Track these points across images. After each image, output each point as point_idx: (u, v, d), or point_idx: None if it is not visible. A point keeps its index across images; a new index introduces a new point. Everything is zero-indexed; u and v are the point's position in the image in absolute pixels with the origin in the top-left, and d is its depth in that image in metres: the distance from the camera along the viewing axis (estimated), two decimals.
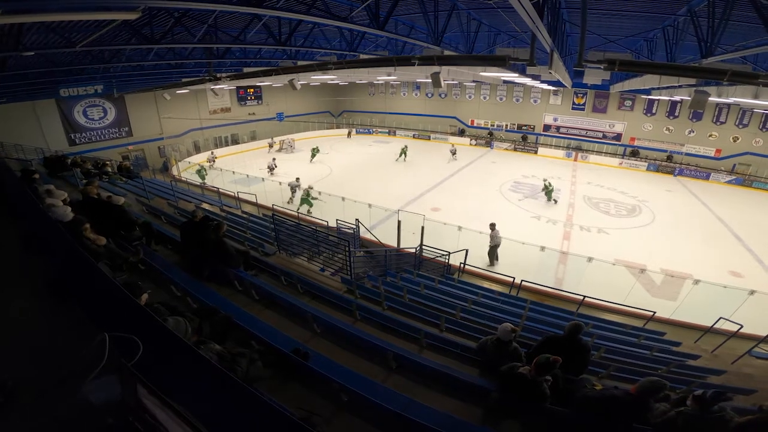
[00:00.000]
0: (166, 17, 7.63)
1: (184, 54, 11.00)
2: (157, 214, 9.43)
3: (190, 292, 4.76)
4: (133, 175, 13.44)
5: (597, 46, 10.63)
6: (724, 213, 19.20)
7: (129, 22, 6.99)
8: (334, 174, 23.17)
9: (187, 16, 7.62)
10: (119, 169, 13.99)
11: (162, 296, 4.51)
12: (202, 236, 5.91)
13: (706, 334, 7.86)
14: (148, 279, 5.01)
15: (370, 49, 11.91)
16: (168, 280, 5.04)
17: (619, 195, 21.19)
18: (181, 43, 8.57)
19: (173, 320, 2.88)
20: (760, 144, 25.66)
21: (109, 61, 10.76)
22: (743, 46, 6.48)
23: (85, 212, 5.56)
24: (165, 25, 7.75)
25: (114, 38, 8.32)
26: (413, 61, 7.39)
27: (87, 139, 22.27)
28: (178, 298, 4.79)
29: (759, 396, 4.25)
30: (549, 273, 11.38)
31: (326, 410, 3.11)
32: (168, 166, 23.88)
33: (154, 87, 20.25)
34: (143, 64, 11.18)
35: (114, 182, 11.92)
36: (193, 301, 4.62)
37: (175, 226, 8.17)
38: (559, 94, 31.27)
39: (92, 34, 6.91)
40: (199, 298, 4.61)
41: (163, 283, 5.04)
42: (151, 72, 13.90)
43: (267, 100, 33.79)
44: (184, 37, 8.63)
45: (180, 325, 2.84)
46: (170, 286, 4.96)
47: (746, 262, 13.81)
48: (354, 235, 11.18)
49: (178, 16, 7.39)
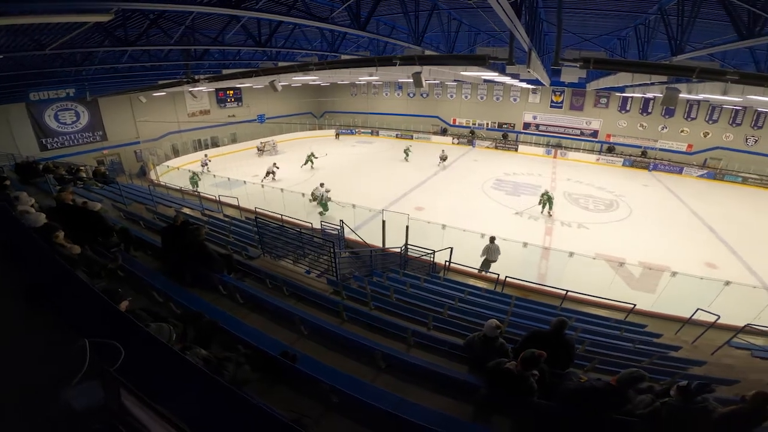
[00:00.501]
0: (140, 19, 7.44)
1: (160, 56, 10.74)
2: (135, 219, 9.19)
3: (172, 298, 4.65)
4: (109, 181, 13.06)
5: (573, 45, 10.89)
6: (697, 206, 19.90)
7: (102, 24, 6.79)
8: (318, 175, 23.02)
9: (163, 17, 7.45)
10: (94, 174, 13.56)
11: (143, 302, 4.40)
12: (183, 241, 5.80)
13: (686, 325, 8.04)
14: (128, 286, 4.88)
15: (351, 49, 11.89)
16: (149, 286, 4.92)
17: (597, 190, 21.74)
18: (157, 45, 8.37)
19: (156, 326, 2.82)
20: (730, 139, 26.71)
21: (81, 63, 10.44)
22: (711, 43, 6.75)
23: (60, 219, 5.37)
24: (140, 26, 7.56)
25: (86, 40, 8.07)
26: (395, 61, 7.41)
27: (59, 144, 21.52)
28: (160, 304, 4.69)
29: (741, 386, 4.34)
30: (532, 269, 11.57)
31: (316, 412, 3.08)
32: (145, 170, 23.26)
33: (128, 89, 19.71)
34: (117, 66, 10.87)
35: (89, 188, 11.56)
36: (176, 307, 4.53)
37: (155, 231, 7.99)
38: (538, 93, 31.87)
39: (63, 36, 6.71)
40: (182, 304, 4.51)
41: (144, 290, 4.92)
42: (126, 74, 13.54)
43: (247, 101, 33.32)
44: (160, 38, 8.44)
45: (163, 331, 2.78)
46: (152, 292, 4.84)
47: (720, 253, 14.35)
48: (339, 236, 11.14)
49: (153, 17, 7.22)
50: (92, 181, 12.42)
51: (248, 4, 5.92)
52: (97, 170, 14.09)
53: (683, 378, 4.81)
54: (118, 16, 6.60)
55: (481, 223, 14.19)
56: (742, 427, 3.14)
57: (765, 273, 12.69)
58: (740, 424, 3.11)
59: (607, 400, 3.35)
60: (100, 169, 14.33)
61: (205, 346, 3.12)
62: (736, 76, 5.98)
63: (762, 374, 5.93)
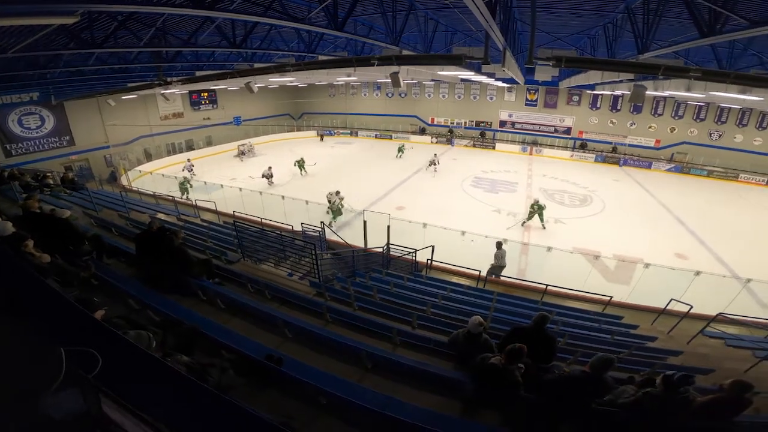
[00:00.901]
0: (108, 20, 7.18)
1: (130, 58, 10.39)
2: (107, 226, 8.89)
3: (150, 305, 4.53)
4: (78, 187, 12.59)
5: (546, 44, 11.16)
6: (666, 199, 20.71)
7: (67, 26, 6.53)
8: (297, 177, 22.82)
9: (131, 19, 7.21)
10: (62, 180, 13.05)
11: (120, 311, 4.26)
12: (159, 246, 5.65)
13: (661, 316, 8.25)
14: (103, 294, 4.71)
15: (329, 50, 11.82)
16: (125, 294, 4.77)
17: (571, 186, 22.33)
18: (126, 47, 8.10)
19: (134, 333, 2.74)
20: (695, 134, 27.93)
21: (46, 66, 10.03)
22: (675, 41, 7.02)
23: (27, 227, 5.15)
24: (107, 28, 7.30)
25: (50, 43, 7.74)
26: (373, 61, 7.43)
27: (24, 150, 20.56)
28: (137, 311, 4.55)
29: (717, 375, 4.46)
30: (512, 264, 11.76)
31: (305, 414, 3.06)
32: (116, 175, 22.47)
33: (96, 93, 19.01)
34: (83, 69, 10.48)
35: (57, 195, 11.11)
36: (155, 314, 4.40)
37: (128, 238, 7.76)
38: (513, 91, 32.49)
39: (26, 38, 6.43)
40: (161, 311, 4.39)
41: (119, 298, 4.76)
42: (93, 77, 13.06)
43: (222, 104, 32.67)
44: (128, 40, 8.15)
45: (142, 338, 2.70)
46: (128, 299, 4.69)
47: (690, 244, 14.96)
48: (320, 238, 11.07)
49: (121, 19, 6.99)
50: (60, 188, 11.95)
51: (222, 5, 5.81)
52: (65, 176, 13.58)
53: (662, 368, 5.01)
54: (84, 18, 6.36)
55: (461, 221, 14.35)
56: (721, 415, 3.26)
57: (733, 262, 13.28)
58: (719, 413, 3.23)
59: (585, 387, 3.45)
60: (68, 176, 13.83)
61: (186, 353, 3.05)
62: (699, 73, 6.26)
63: (736, 363, 6.11)
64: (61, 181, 12.92)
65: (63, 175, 14.05)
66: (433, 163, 24.25)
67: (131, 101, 24.67)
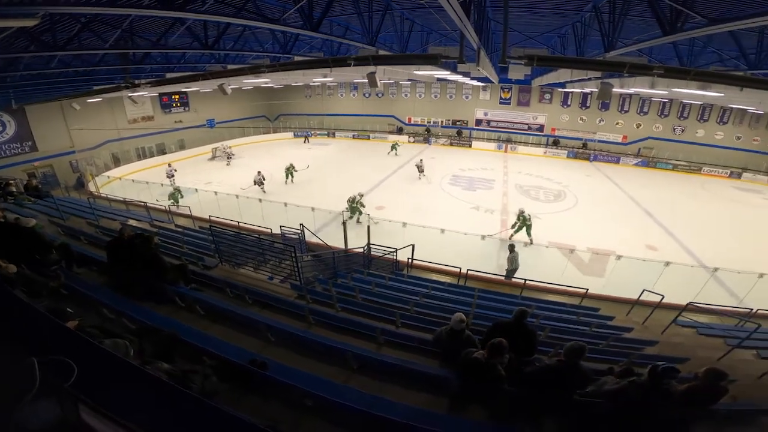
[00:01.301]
0: (71, 22, 6.88)
1: (95, 60, 9.98)
2: (75, 235, 8.56)
3: (125, 313, 4.38)
4: (43, 194, 12.03)
5: (518, 43, 11.41)
6: (635, 193, 21.52)
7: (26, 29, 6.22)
8: (274, 179, 22.49)
9: (96, 21, 6.94)
10: (26, 188, 12.45)
11: (94, 320, 4.10)
12: (132, 253, 5.47)
13: (635, 307, 8.52)
14: (75, 304, 4.52)
15: (304, 50, 11.71)
16: (98, 303, 4.59)
17: (545, 182, 22.91)
18: (90, 50, 7.78)
19: (110, 342, 2.64)
20: (659, 129, 29.18)
21: (5, 70, 9.51)
22: (639, 39, 7.29)
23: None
24: (70, 30, 7.00)
25: (9, 46, 7.35)
26: (349, 61, 7.43)
27: None
28: (112, 320, 4.39)
29: (692, 364, 4.57)
30: (492, 260, 11.98)
31: (292, 417, 3.02)
32: (83, 181, 21.55)
33: (59, 96, 18.20)
34: (45, 72, 9.98)
35: (21, 203, 10.59)
36: (130, 322, 4.26)
37: (99, 246, 7.48)
38: (488, 90, 33.06)
39: None
40: (137, 318, 4.26)
41: (92, 307, 4.58)
42: (56, 81, 12.46)
43: (195, 106, 31.86)
44: (93, 42, 7.84)
45: (119, 346, 2.61)
46: (101, 309, 4.52)
47: (659, 235, 15.57)
48: (300, 240, 10.96)
49: (85, 21, 6.72)
50: (24, 196, 11.41)
51: (194, 6, 5.67)
52: (28, 184, 12.94)
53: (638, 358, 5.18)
54: (45, 21, 6.08)
55: (440, 219, 14.49)
56: (699, 403, 3.40)
57: (700, 252, 13.87)
58: (696, 401, 3.37)
59: (563, 376, 3.54)
60: (32, 183, 13.17)
61: (167, 360, 2.97)
62: (662, 70, 6.56)
63: (709, 351, 6.33)
64: (24, 189, 12.32)
65: (26, 182, 13.38)
66: (420, 169, 22.63)
67: (97, 104, 23.74)
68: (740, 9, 5.36)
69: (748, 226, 17.14)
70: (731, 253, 13.53)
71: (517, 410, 3.72)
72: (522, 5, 8.23)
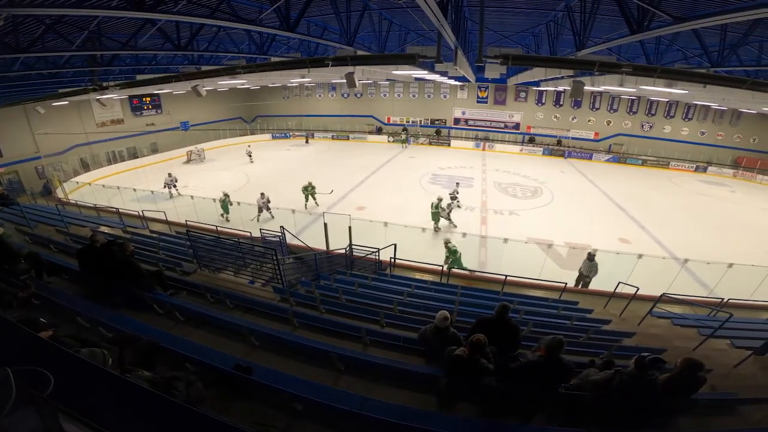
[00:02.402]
0: (35, 24, 6.61)
1: (60, 62, 9.60)
2: (44, 243, 8.21)
3: (101, 322, 4.23)
4: (9, 202, 11.51)
5: (494, 43, 11.59)
6: (607, 188, 22.24)
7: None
8: (252, 182, 22.14)
9: (61, 22, 6.68)
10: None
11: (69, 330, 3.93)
12: (104, 261, 5.28)
13: (612, 299, 8.67)
14: (48, 313, 4.32)
15: (281, 51, 11.57)
16: (71, 312, 4.41)
17: (522, 179, 23.39)
18: (56, 51, 7.48)
19: (87, 351, 2.54)
20: (628, 126, 30.22)
21: None
22: (608, 38, 7.53)
23: None
24: (34, 32, 6.72)
25: None
26: (327, 62, 7.38)
27: None
28: (87, 329, 4.23)
29: (669, 354, 4.66)
30: (473, 257, 12.13)
31: (282, 422, 2.98)
32: (50, 188, 20.65)
33: (23, 100, 17.40)
34: (8, 75, 9.53)
35: None
36: (107, 331, 4.11)
37: (69, 254, 7.22)
38: (465, 89, 33.49)
39: None
40: (114, 327, 4.11)
41: (66, 316, 4.40)
42: (19, 83, 11.92)
43: (168, 108, 30.97)
44: (58, 44, 7.53)
45: (96, 355, 2.51)
46: (75, 317, 4.35)
47: (631, 229, 16.10)
48: (281, 243, 10.82)
49: (50, 22, 6.45)
50: None
51: (165, 7, 5.52)
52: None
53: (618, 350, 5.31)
54: (8, 23, 5.81)
55: (421, 218, 14.59)
56: (678, 392, 3.52)
57: (670, 244, 14.42)
58: (676, 391, 3.50)
59: (546, 370, 3.62)
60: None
61: (147, 368, 2.87)
62: (630, 68, 6.78)
63: (685, 341, 6.51)
64: None
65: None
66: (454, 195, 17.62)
67: (63, 108, 22.75)
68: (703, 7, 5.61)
69: (716, 218, 17.93)
70: (700, 245, 14.11)
71: (505, 405, 3.77)
72: (498, 5, 8.37)
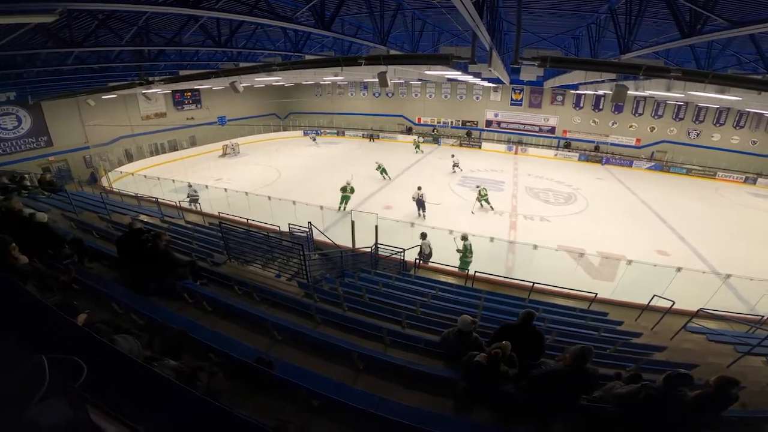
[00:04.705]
0: (88, 19, 6.98)
1: (111, 57, 10.13)
2: (88, 229, 8.68)
3: (134, 309, 4.43)
4: (57, 189, 12.26)
5: (531, 44, 11.29)
6: (647, 197, 21.17)
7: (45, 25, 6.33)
8: (283, 178, 22.62)
9: (113, 17, 7.04)
10: (40, 182, 12.69)
11: (103, 315, 4.15)
12: (141, 249, 5.52)
13: (644, 312, 8.36)
14: (85, 298, 4.58)
15: (315, 49, 11.74)
16: (108, 298, 4.65)
17: (556, 185, 22.66)
18: (107, 46, 7.88)
19: (121, 338, 2.66)
20: (674, 133, 28.64)
21: (23, 66, 9.72)
22: (656, 42, 7.17)
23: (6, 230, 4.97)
24: (87, 27, 7.10)
25: (28, 42, 7.49)
26: (360, 61, 7.41)
27: (0, 152, 19.96)
28: (121, 315, 4.44)
29: (701, 370, 4.48)
30: (500, 262, 11.90)
31: (298, 417, 3.02)
32: (96, 177, 21.92)
33: (75, 92, 18.51)
34: (62, 68, 10.15)
35: (35, 197, 10.80)
36: (139, 318, 4.30)
37: (110, 240, 7.58)
38: (499, 91, 32.80)
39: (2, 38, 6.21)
40: (146, 314, 4.30)
41: (102, 302, 4.65)
42: (72, 77, 12.68)
43: (207, 103, 32.16)
44: (109, 39, 7.94)
45: (128, 343, 2.63)
46: (111, 304, 4.58)
47: (671, 241, 15.31)
48: (308, 239, 10.99)
49: (102, 18, 6.81)
50: (38, 190, 11.64)
51: (207, 4, 5.72)
52: (42, 178, 13.22)
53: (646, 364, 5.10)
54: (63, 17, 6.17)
55: (448, 220, 14.44)
56: (709, 409, 3.35)
57: (712, 258, 13.61)
58: (707, 408, 3.33)
59: (569, 380, 3.50)
60: (46, 177, 13.45)
61: (174, 357, 2.99)
62: (679, 73, 6.40)
63: (719, 357, 6.21)
64: (38, 183, 12.56)
65: (41, 176, 13.66)
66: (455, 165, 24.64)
67: (112, 101, 24.09)
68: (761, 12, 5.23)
69: (762, 233, 16.77)
70: (744, 260, 13.27)
71: (523, 413, 3.68)
72: (536, 6, 8.14)
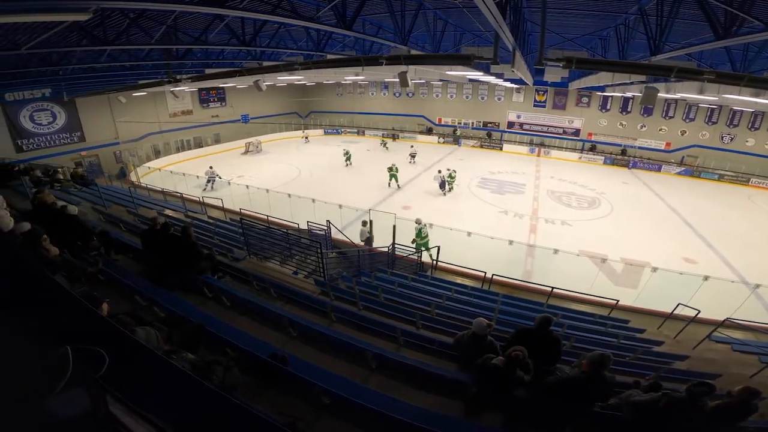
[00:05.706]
0: (120, 18, 7.24)
1: (141, 55, 10.48)
2: (115, 222, 9.00)
3: (156, 301, 4.57)
4: (88, 183, 12.74)
5: (556, 45, 11.04)
6: (675, 203, 20.44)
7: (79, 23, 6.59)
8: (303, 175, 22.88)
9: (143, 16, 7.26)
10: (72, 176, 13.22)
11: (126, 307, 4.29)
12: (165, 243, 5.69)
13: (668, 320, 8.16)
14: (110, 290, 4.76)
15: (337, 49, 11.82)
16: (131, 290, 4.81)
17: (579, 188, 22.13)
18: (138, 45, 8.17)
19: (142, 330, 2.75)
20: (706, 137, 27.53)
21: (58, 63, 10.13)
22: (689, 43, 6.91)
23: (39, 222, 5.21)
24: (119, 26, 7.36)
25: (63, 40, 7.83)
26: (381, 60, 7.42)
27: (36, 146, 20.89)
28: (143, 307, 4.58)
29: (724, 380, 4.36)
30: (518, 266, 11.72)
31: (308, 414, 3.06)
32: (125, 172, 22.73)
33: (107, 90, 19.22)
34: (95, 66, 10.56)
35: (67, 190, 11.26)
36: (161, 311, 4.43)
37: (136, 234, 7.83)
38: (522, 92, 32.27)
39: (39, 35, 6.50)
40: (167, 307, 4.42)
41: (126, 294, 4.81)
42: (104, 74, 13.17)
43: (231, 101, 32.85)
44: (140, 38, 8.23)
45: (149, 335, 2.71)
46: (134, 296, 4.73)
47: (698, 248, 14.74)
48: (326, 237, 11.09)
49: (133, 16, 7.05)
50: (70, 183, 12.12)
51: (232, 3, 5.84)
52: (74, 172, 13.76)
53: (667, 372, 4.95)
54: (97, 15, 6.42)
55: (467, 222, 14.29)
56: (731, 419, 3.27)
57: (741, 267, 13.05)
58: (729, 417, 3.25)
59: (586, 386, 3.43)
60: (78, 171, 13.99)
61: (192, 351, 3.06)
62: (713, 75, 6.17)
63: (743, 368, 6.03)
64: (71, 177, 13.08)
65: (73, 170, 14.23)
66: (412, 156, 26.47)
67: (141, 98, 24.93)
68: None
69: None
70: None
71: (534, 418, 3.63)
72: (562, 6, 7.97)
